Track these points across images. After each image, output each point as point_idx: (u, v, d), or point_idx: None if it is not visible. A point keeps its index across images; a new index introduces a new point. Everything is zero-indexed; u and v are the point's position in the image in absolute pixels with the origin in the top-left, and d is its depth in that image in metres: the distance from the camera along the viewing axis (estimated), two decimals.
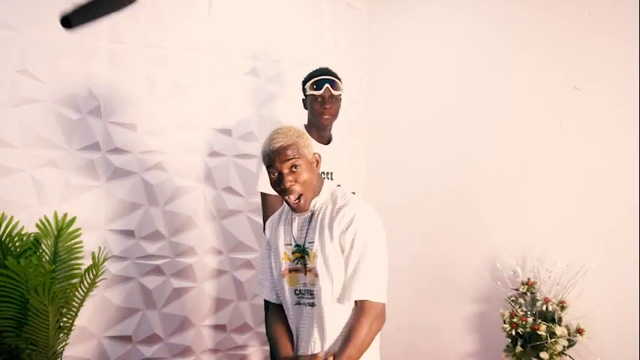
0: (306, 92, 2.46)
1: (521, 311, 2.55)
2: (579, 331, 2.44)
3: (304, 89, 2.47)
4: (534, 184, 2.75)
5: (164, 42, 3.00)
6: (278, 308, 1.90)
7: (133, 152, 2.93)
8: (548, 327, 2.45)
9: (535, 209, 2.74)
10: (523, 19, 2.83)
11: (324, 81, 2.41)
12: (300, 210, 1.75)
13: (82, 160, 2.82)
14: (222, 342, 3.24)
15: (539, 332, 2.45)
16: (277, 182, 1.73)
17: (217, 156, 3.16)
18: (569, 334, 2.46)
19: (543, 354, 2.44)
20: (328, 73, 2.45)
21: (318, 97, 2.41)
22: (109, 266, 2.76)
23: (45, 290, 2.21)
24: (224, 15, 3.17)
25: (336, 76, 2.46)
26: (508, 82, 2.89)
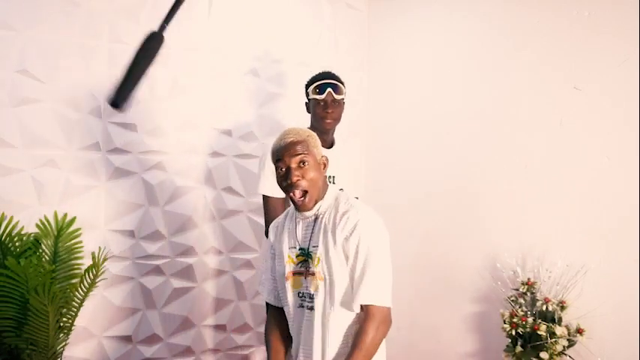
0: (308, 96, 2.45)
1: (521, 311, 2.55)
2: (579, 331, 2.44)
3: (307, 93, 2.46)
4: (534, 184, 2.75)
5: (164, 42, 2.99)
6: (275, 311, 1.92)
7: (133, 152, 2.93)
8: (548, 327, 2.45)
9: (535, 209, 2.74)
10: (523, 19, 2.83)
11: (327, 85, 2.39)
12: (304, 208, 1.75)
13: (82, 160, 2.82)
14: (222, 342, 3.24)
15: (539, 332, 2.45)
16: (284, 177, 1.74)
17: (217, 156, 3.16)
18: (569, 334, 2.46)
19: (543, 354, 2.44)
20: (331, 77, 2.43)
21: (320, 101, 2.39)
22: (109, 266, 2.75)
23: (45, 290, 2.21)
24: (224, 15, 3.17)
25: (339, 80, 2.44)
26: (508, 82, 2.89)
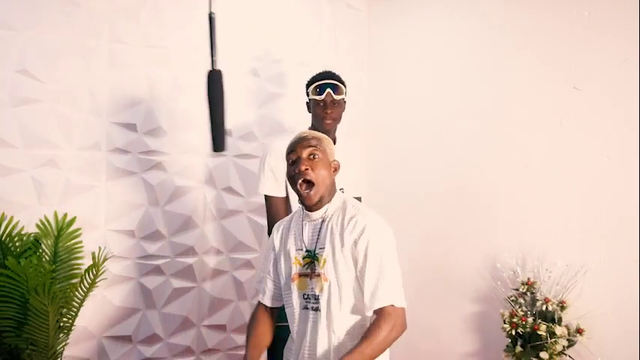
0: (308, 96, 2.44)
1: (521, 311, 2.55)
2: (579, 331, 2.44)
3: (307, 93, 2.45)
4: (534, 184, 2.75)
5: (164, 42, 3.00)
6: (265, 310, 1.93)
7: (133, 152, 2.93)
8: (548, 327, 2.45)
9: (535, 209, 2.74)
10: (523, 19, 2.83)
11: (326, 85, 2.39)
12: (309, 202, 1.76)
13: (82, 160, 2.82)
14: (222, 342, 3.24)
15: (539, 332, 2.45)
16: (293, 166, 1.77)
17: (217, 156, 3.16)
18: (569, 334, 2.45)
19: (543, 354, 2.44)
20: (330, 77, 2.41)
21: (319, 101, 2.38)
22: (109, 266, 2.75)
23: (45, 290, 2.21)
24: (224, 15, 3.16)
25: (339, 80, 2.42)
26: (508, 82, 2.89)
